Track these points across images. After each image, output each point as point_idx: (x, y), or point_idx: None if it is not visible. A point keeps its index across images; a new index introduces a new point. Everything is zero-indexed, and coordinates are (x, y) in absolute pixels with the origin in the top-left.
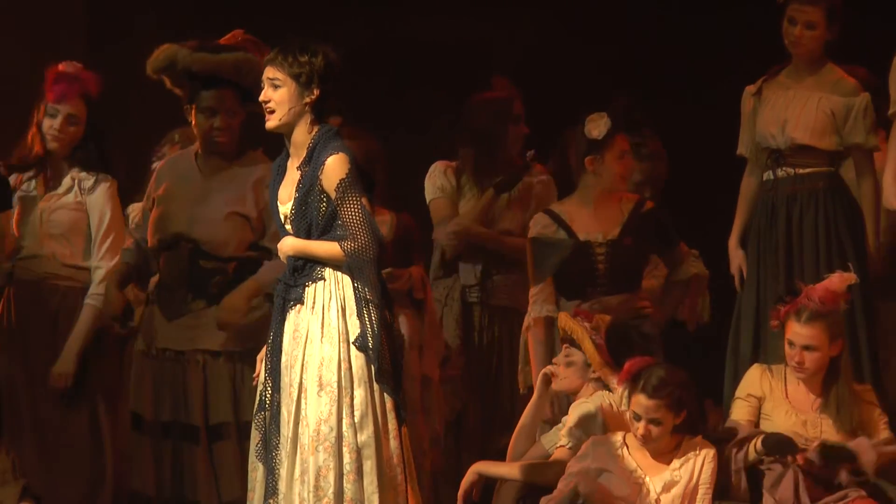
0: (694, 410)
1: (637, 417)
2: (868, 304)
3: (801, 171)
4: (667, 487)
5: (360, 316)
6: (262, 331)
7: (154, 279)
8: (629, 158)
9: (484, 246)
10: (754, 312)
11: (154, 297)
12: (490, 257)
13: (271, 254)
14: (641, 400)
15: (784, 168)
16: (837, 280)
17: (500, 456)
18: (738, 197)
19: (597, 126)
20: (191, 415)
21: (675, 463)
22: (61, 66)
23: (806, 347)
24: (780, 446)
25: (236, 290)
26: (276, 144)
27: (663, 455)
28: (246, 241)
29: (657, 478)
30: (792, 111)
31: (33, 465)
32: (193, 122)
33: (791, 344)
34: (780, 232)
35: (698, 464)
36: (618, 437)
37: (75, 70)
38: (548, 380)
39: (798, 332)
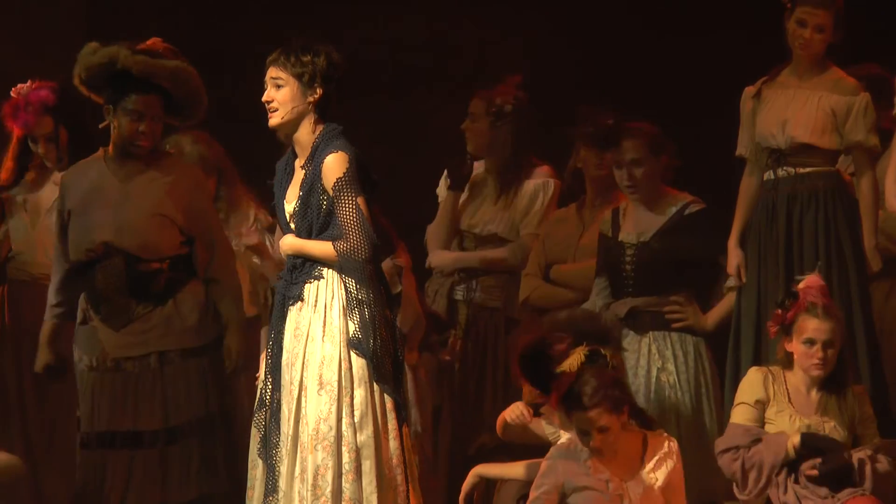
0: (633, 402)
1: (585, 433)
2: (866, 303)
3: (801, 170)
4: (646, 493)
5: (351, 316)
6: (214, 328)
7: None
8: (634, 169)
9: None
10: (755, 312)
11: (92, 313)
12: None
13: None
14: (582, 415)
15: (784, 168)
16: (812, 277)
17: (477, 455)
18: (738, 197)
19: None
20: (145, 420)
21: (649, 465)
22: (13, 96)
23: (827, 343)
24: (826, 448)
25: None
26: None
27: (632, 457)
28: (175, 240)
29: (633, 482)
30: (792, 110)
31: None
32: (114, 124)
33: (811, 342)
34: (780, 232)
35: (670, 464)
36: (580, 447)
37: (25, 94)
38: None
39: (819, 327)
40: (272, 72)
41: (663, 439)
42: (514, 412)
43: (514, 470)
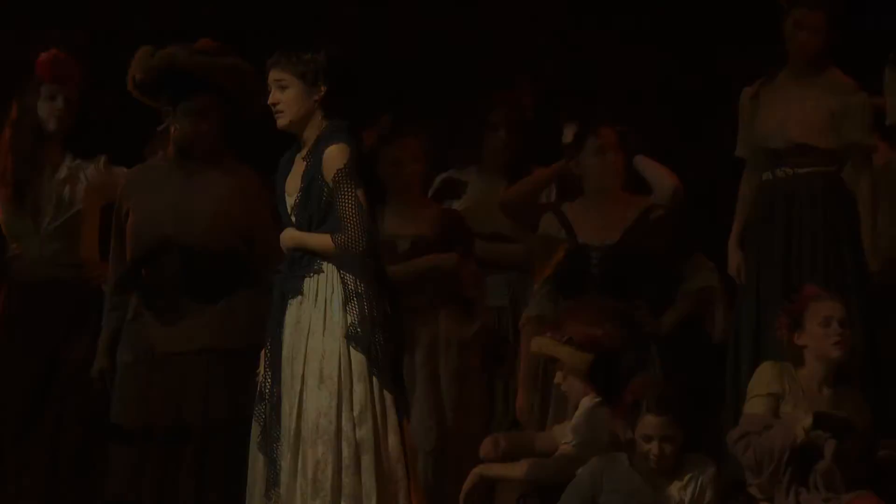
0: (690, 420)
1: (649, 439)
2: (866, 304)
3: (799, 170)
4: None
5: (350, 309)
6: (261, 327)
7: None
8: (615, 155)
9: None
10: (754, 313)
11: (143, 308)
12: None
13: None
14: (651, 420)
15: (783, 168)
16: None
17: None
18: (738, 198)
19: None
20: (186, 414)
21: (680, 481)
22: (55, 51)
23: (843, 320)
24: (839, 427)
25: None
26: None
27: (667, 473)
28: (234, 239)
29: (664, 498)
30: (791, 110)
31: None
32: (174, 126)
33: (828, 321)
34: (779, 232)
35: (700, 483)
36: (623, 456)
37: (67, 56)
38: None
39: (833, 305)
40: (274, 74)
41: (697, 459)
42: (486, 448)
43: (515, 470)
